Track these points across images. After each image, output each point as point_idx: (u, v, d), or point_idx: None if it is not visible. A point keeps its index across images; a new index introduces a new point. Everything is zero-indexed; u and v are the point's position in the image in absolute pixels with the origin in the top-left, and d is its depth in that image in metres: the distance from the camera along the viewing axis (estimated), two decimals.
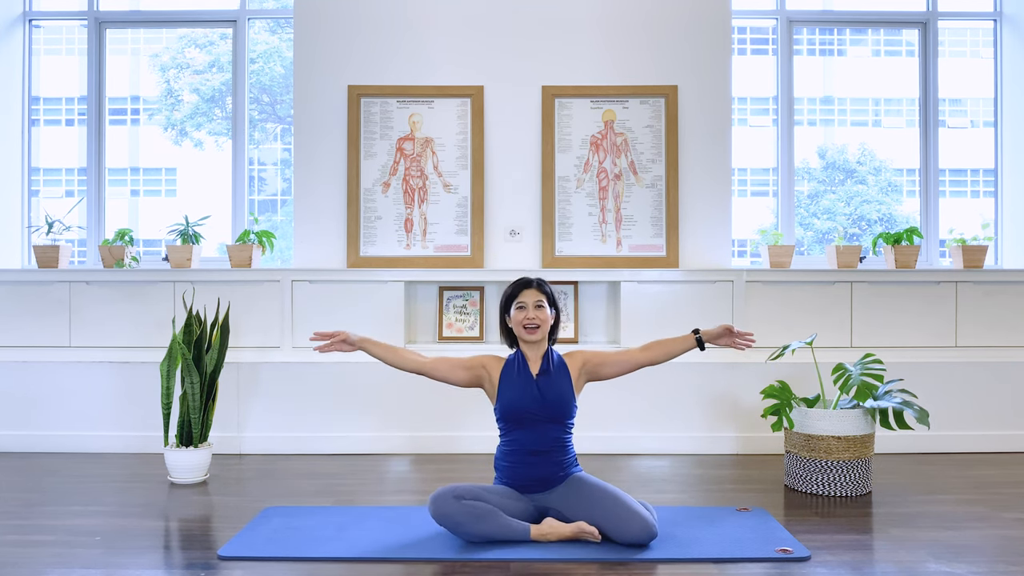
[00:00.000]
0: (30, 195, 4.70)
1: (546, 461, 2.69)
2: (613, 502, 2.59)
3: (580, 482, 2.68)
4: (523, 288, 2.77)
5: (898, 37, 4.83)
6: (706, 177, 4.33)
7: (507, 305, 2.79)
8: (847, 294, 4.16)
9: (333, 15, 4.33)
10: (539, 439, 2.69)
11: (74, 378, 4.05)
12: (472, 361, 2.81)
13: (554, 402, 2.70)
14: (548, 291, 2.79)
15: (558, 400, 2.71)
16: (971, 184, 4.82)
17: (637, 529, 2.53)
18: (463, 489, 2.60)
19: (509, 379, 2.75)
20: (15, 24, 4.65)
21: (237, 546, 2.58)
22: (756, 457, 3.95)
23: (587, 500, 2.63)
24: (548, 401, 2.70)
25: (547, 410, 2.70)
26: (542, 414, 2.70)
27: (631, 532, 2.53)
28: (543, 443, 2.69)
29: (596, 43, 4.34)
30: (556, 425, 2.71)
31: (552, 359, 2.78)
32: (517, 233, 4.32)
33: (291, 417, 4.02)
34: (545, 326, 2.75)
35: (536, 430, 2.70)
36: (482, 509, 2.56)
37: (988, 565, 2.45)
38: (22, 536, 2.73)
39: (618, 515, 2.56)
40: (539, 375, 2.74)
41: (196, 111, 4.80)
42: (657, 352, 2.80)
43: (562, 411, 2.71)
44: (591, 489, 2.65)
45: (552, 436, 2.70)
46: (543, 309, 2.75)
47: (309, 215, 4.32)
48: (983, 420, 4.07)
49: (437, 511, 2.56)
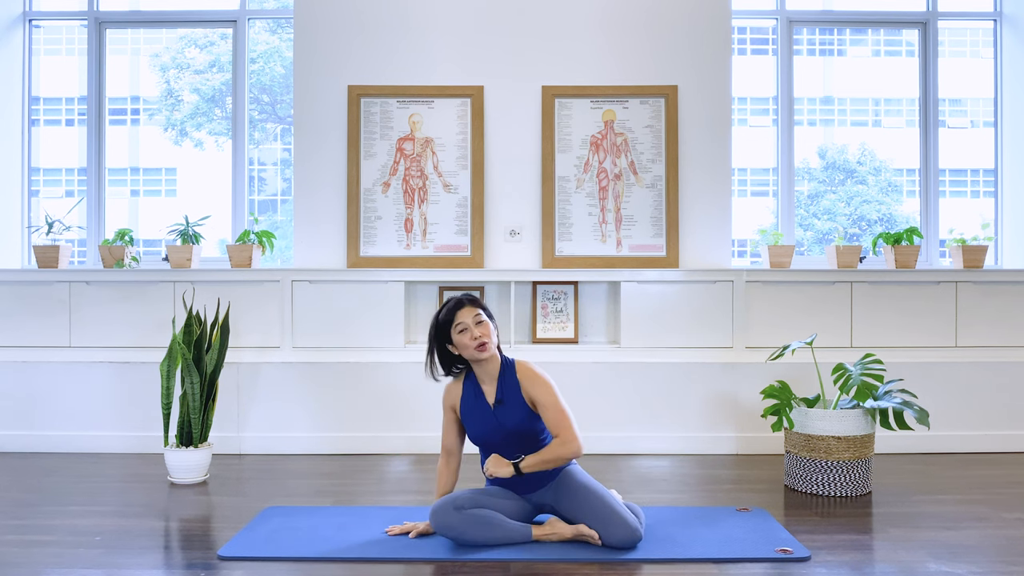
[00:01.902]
0: (30, 195, 4.70)
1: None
2: (600, 504, 2.59)
3: (570, 480, 2.66)
4: (457, 310, 2.68)
5: (898, 37, 4.83)
6: (706, 177, 4.33)
7: (444, 332, 2.70)
8: (847, 294, 4.16)
9: (333, 15, 4.33)
10: (515, 453, 2.67)
11: (74, 378, 4.05)
12: (446, 417, 2.79)
13: (515, 430, 2.66)
14: (481, 304, 2.72)
15: (519, 428, 2.66)
16: (971, 184, 4.82)
17: (621, 534, 2.53)
18: (462, 498, 2.59)
19: (468, 410, 2.73)
20: (15, 24, 4.65)
21: (237, 546, 2.58)
22: (756, 457, 3.95)
23: (575, 501, 2.62)
24: (510, 430, 2.66)
25: (512, 437, 2.67)
26: (509, 440, 2.67)
27: (616, 536, 2.54)
28: (521, 454, 2.66)
29: (596, 43, 4.34)
30: (528, 441, 2.68)
31: (507, 381, 2.69)
32: (517, 233, 4.32)
33: (291, 417, 4.02)
34: (492, 338, 2.68)
35: (510, 448, 2.67)
36: (483, 516, 2.55)
37: (988, 565, 2.45)
38: (22, 536, 2.73)
39: (604, 517, 2.56)
40: (496, 405, 2.69)
41: (196, 111, 4.80)
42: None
43: (527, 435, 2.67)
44: (578, 489, 2.64)
45: (528, 449, 2.67)
46: (484, 324, 2.68)
47: (309, 215, 4.32)
48: (983, 420, 4.07)
49: (439, 524, 2.55)
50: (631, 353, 4.09)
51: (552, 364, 3.97)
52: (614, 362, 4.06)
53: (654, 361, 4.06)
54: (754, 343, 4.12)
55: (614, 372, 4.04)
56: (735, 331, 4.10)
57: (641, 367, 4.05)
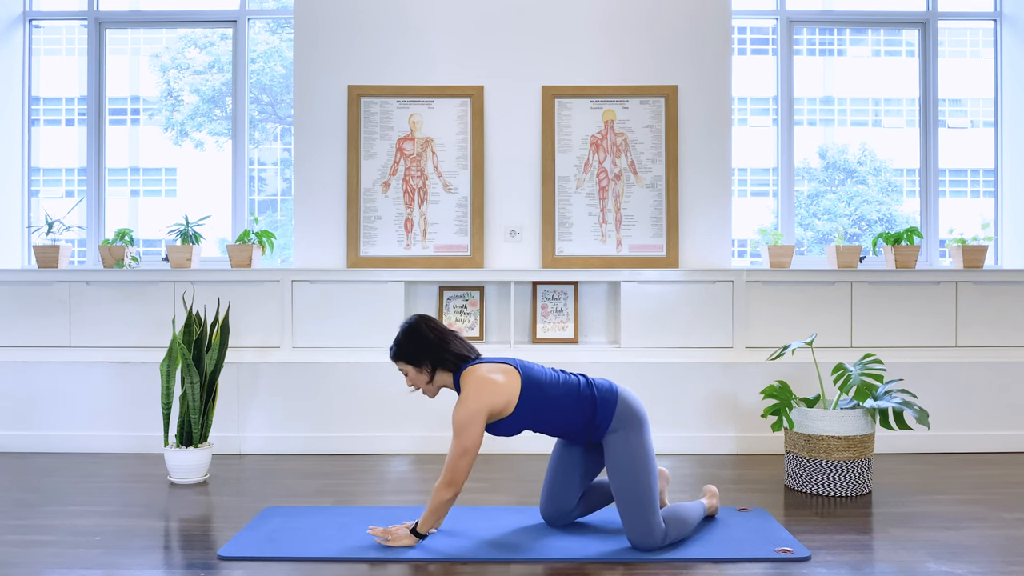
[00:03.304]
0: (30, 195, 4.70)
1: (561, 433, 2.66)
2: (628, 499, 2.53)
3: (609, 460, 2.58)
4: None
5: (898, 37, 4.83)
6: (706, 177, 4.33)
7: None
8: (847, 294, 4.16)
9: (333, 15, 4.33)
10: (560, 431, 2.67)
11: (74, 378, 4.05)
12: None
13: (507, 433, 2.65)
14: (400, 354, 2.66)
15: (505, 432, 2.65)
16: (971, 184, 4.82)
17: (634, 536, 2.54)
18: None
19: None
20: (15, 24, 4.65)
21: (237, 546, 2.58)
22: (756, 457, 3.95)
23: (612, 480, 2.57)
24: (504, 435, 2.66)
25: (519, 429, 2.66)
26: (526, 429, 2.66)
27: (629, 534, 2.55)
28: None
29: (596, 43, 4.34)
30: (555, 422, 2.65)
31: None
32: (517, 233, 4.32)
33: (291, 417, 4.02)
34: (419, 383, 2.67)
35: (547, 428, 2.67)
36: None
37: (988, 565, 2.45)
38: (22, 536, 2.73)
39: (625, 514, 2.55)
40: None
41: (196, 111, 4.80)
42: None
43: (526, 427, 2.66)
44: (615, 474, 2.57)
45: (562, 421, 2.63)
46: (408, 375, 2.67)
47: (309, 215, 4.32)
48: (983, 420, 4.07)
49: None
50: (631, 353, 4.09)
51: (552, 364, 3.96)
52: (614, 362, 4.06)
53: (654, 361, 4.06)
54: (754, 343, 4.12)
55: (614, 372, 4.04)
56: (735, 331, 4.10)
57: (641, 367, 4.05)
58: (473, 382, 2.56)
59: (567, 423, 2.61)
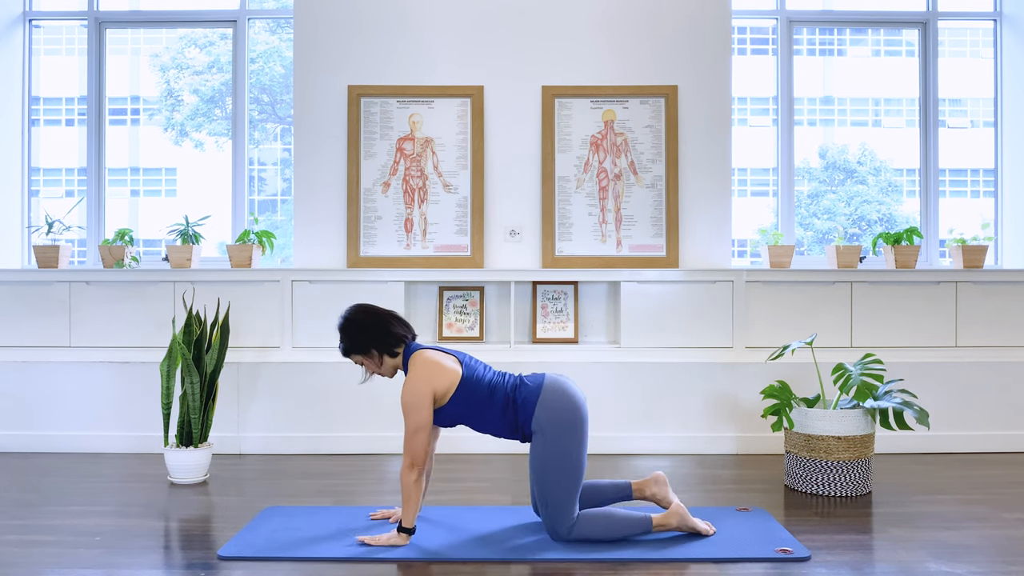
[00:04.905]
0: (30, 195, 4.70)
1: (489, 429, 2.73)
2: (540, 493, 2.60)
3: (529, 458, 2.66)
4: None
5: (898, 37, 4.83)
6: (706, 177, 4.33)
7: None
8: (847, 294, 4.16)
9: (333, 15, 4.33)
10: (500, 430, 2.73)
11: (74, 378, 4.05)
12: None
13: (458, 422, 2.73)
14: (347, 346, 2.71)
15: (453, 420, 2.72)
16: (971, 184, 4.82)
17: (546, 524, 2.63)
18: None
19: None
20: (15, 24, 4.65)
21: (237, 546, 2.58)
22: (756, 457, 3.95)
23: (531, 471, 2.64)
24: (455, 423, 2.74)
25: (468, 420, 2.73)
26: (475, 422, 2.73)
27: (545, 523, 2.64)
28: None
29: (596, 43, 4.34)
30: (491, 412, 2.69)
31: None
32: (517, 233, 4.32)
33: (291, 417, 4.02)
34: (371, 366, 2.74)
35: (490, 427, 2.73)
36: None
37: (988, 565, 2.46)
38: (22, 536, 2.73)
39: (539, 503, 2.63)
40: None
41: (196, 111, 4.80)
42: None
43: (475, 414, 2.70)
44: (530, 471, 2.64)
45: (511, 415, 2.68)
46: (365, 364, 2.74)
47: (309, 215, 4.32)
48: (983, 420, 4.07)
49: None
50: (631, 353, 4.09)
51: (552, 364, 3.97)
52: (614, 362, 4.06)
53: (654, 361, 4.06)
54: (754, 343, 4.12)
55: (614, 372, 4.04)
56: (735, 331, 4.10)
57: (641, 367, 4.05)
58: (419, 363, 2.65)
59: (496, 423, 2.69)
